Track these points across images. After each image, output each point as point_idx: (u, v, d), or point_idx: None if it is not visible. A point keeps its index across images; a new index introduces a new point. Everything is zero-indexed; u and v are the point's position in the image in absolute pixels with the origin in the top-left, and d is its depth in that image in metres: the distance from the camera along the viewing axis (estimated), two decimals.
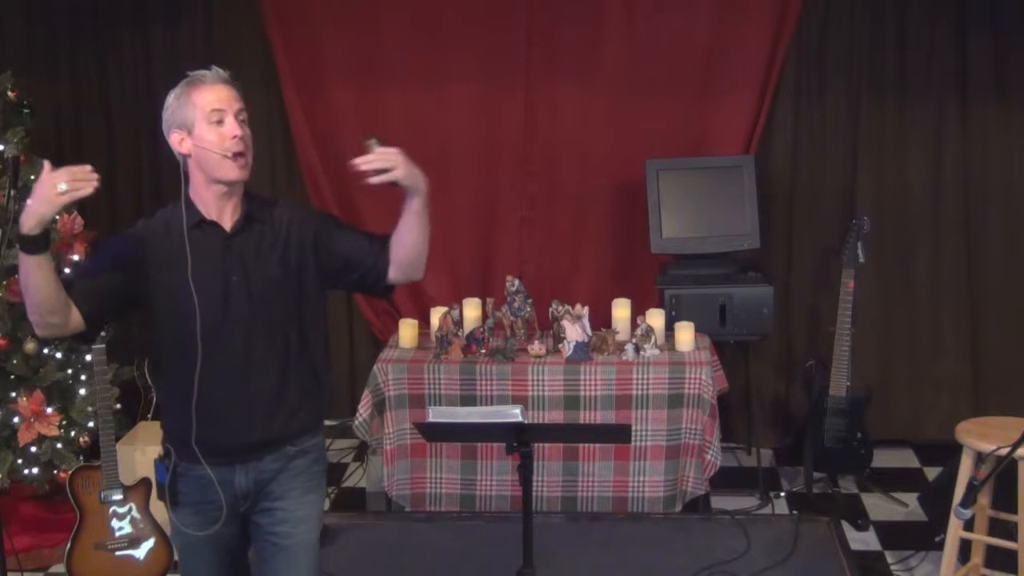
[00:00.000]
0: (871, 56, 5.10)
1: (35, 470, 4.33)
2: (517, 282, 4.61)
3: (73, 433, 4.39)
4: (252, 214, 2.69)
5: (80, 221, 4.56)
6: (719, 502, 4.68)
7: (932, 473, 4.89)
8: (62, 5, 5.39)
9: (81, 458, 4.32)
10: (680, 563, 4.08)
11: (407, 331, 4.64)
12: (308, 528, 2.79)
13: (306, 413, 2.76)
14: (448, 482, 4.52)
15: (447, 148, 5.32)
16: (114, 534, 4.03)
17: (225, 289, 2.63)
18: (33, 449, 4.31)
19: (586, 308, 4.56)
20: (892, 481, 4.92)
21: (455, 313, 4.59)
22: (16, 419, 4.30)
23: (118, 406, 4.32)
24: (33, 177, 4.48)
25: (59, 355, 4.43)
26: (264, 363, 2.67)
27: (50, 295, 2.50)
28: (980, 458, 3.53)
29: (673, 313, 4.69)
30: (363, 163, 2.55)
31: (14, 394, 4.31)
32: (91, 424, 4.38)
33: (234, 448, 2.68)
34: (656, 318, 4.55)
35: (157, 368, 2.79)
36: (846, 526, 4.48)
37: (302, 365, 2.73)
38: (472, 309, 4.68)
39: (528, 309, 4.62)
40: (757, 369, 5.19)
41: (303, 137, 5.34)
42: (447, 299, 4.95)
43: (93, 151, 5.49)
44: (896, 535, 4.46)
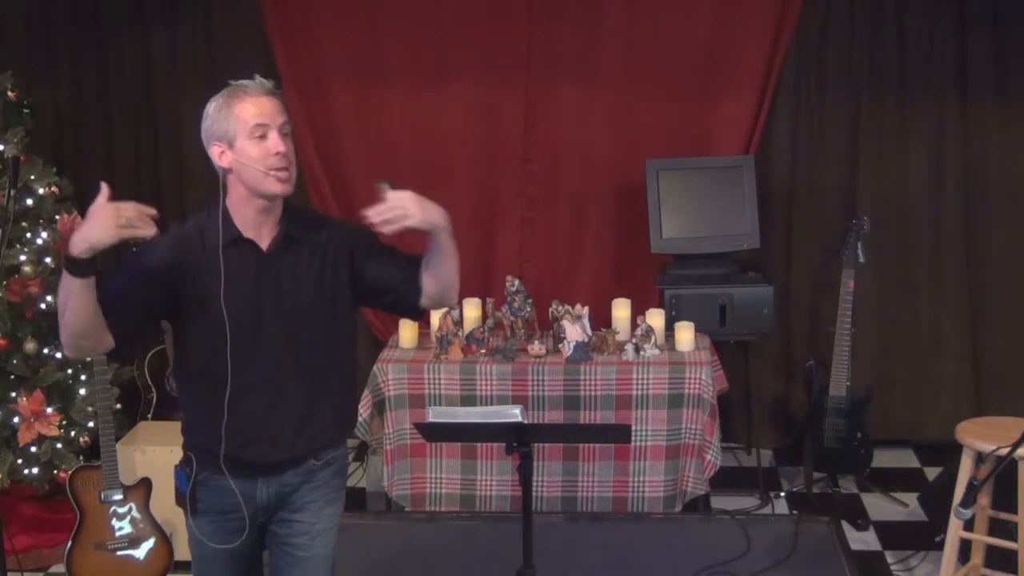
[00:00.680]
0: (871, 56, 5.11)
1: (35, 470, 4.33)
2: (517, 282, 4.61)
3: (73, 433, 4.39)
4: (290, 234, 2.61)
5: (80, 221, 4.56)
6: (719, 502, 4.68)
7: (932, 473, 4.89)
8: (62, 5, 5.39)
9: (81, 458, 4.32)
10: (680, 563, 4.08)
11: (407, 331, 4.64)
12: (325, 541, 2.77)
13: (331, 429, 2.74)
14: (448, 482, 4.52)
15: (447, 148, 5.32)
16: (114, 534, 4.03)
17: (257, 311, 2.57)
18: (33, 449, 4.31)
19: (586, 308, 4.56)
20: (892, 481, 4.92)
21: (455, 313, 4.59)
22: (16, 419, 4.30)
23: (118, 406, 4.32)
24: (33, 177, 4.50)
25: (59, 355, 4.43)
26: (294, 384, 2.63)
27: (87, 319, 2.40)
28: (980, 458, 3.53)
29: (673, 313, 4.69)
30: (376, 215, 2.48)
31: (14, 394, 4.31)
32: (91, 424, 4.37)
33: (260, 465, 2.65)
34: (656, 318, 4.55)
35: (184, 380, 2.73)
36: (846, 526, 4.48)
37: (332, 385, 2.70)
38: (472, 309, 4.68)
39: (528, 309, 4.62)
40: (757, 369, 5.19)
41: (303, 137, 5.34)
42: None
43: (93, 151, 5.50)
44: (896, 535, 4.47)
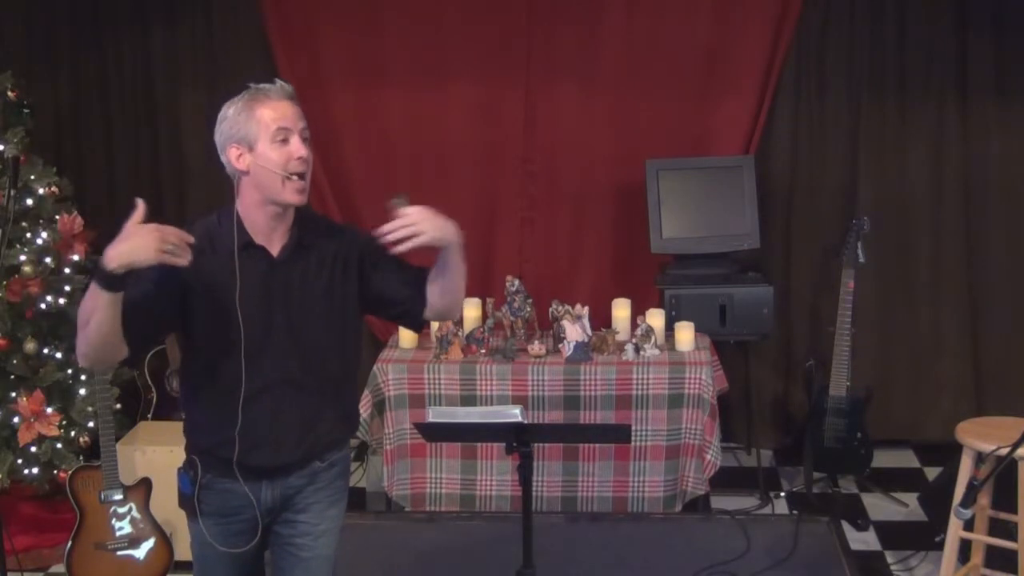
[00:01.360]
0: (871, 56, 5.10)
1: (35, 470, 4.33)
2: (517, 282, 4.61)
3: (73, 433, 4.39)
4: (302, 241, 2.61)
5: (80, 221, 4.57)
6: (719, 502, 4.68)
7: (932, 473, 4.89)
8: (62, 5, 5.39)
9: (81, 458, 4.32)
10: (680, 563, 4.08)
11: (407, 331, 4.64)
12: (327, 542, 2.78)
13: (338, 432, 2.76)
14: (448, 482, 4.52)
15: (447, 148, 5.32)
16: (114, 534, 4.03)
17: (267, 317, 2.57)
18: (33, 449, 4.31)
19: (586, 308, 4.56)
20: (892, 481, 4.92)
21: None
22: (16, 419, 4.30)
23: (118, 406, 4.32)
24: (33, 177, 4.50)
25: (59, 355, 4.43)
26: (301, 390, 2.63)
27: (110, 332, 2.39)
28: (980, 458, 3.53)
29: (673, 313, 4.69)
30: (390, 232, 2.48)
31: (14, 394, 4.31)
32: (91, 424, 4.38)
33: (267, 469, 2.65)
34: (656, 318, 4.56)
35: (191, 384, 2.70)
36: (846, 526, 4.48)
37: (339, 390, 2.72)
38: (472, 309, 4.68)
39: (528, 309, 4.62)
40: (757, 369, 5.19)
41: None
42: None
43: (93, 151, 5.50)
44: (896, 535, 4.47)
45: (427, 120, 5.29)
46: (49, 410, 4.32)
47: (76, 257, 4.50)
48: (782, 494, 4.88)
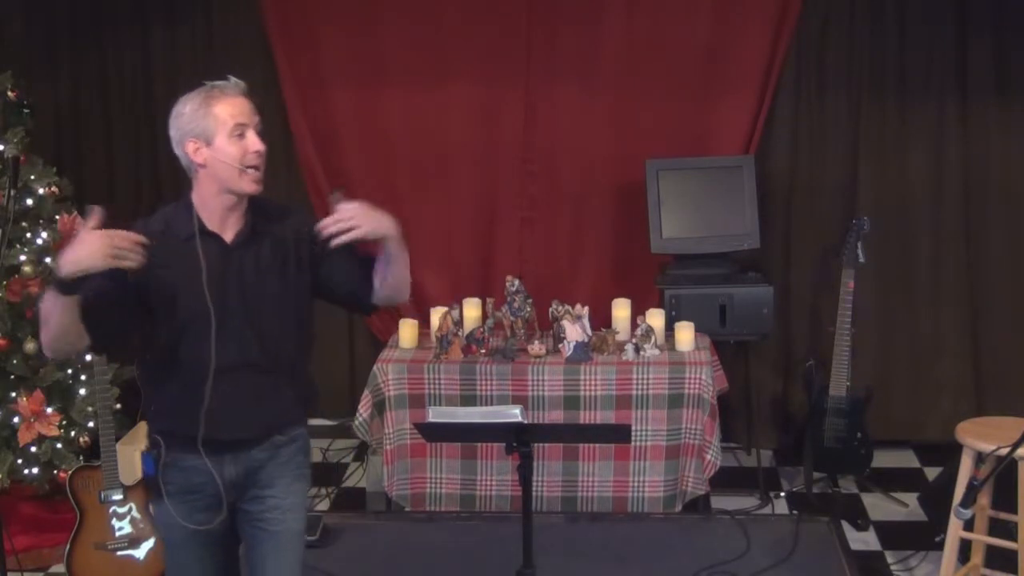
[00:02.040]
0: (871, 56, 5.10)
1: (35, 470, 4.33)
2: (517, 282, 4.61)
3: (73, 433, 4.39)
4: (255, 227, 2.71)
5: (80, 221, 4.56)
6: (719, 502, 4.68)
7: (932, 473, 4.89)
8: (62, 5, 5.39)
9: (81, 458, 4.32)
10: (680, 563, 4.08)
11: (407, 331, 4.64)
12: (297, 516, 2.85)
13: (295, 408, 2.84)
14: (448, 482, 4.52)
15: (447, 148, 5.32)
16: (114, 534, 4.03)
17: (222, 301, 2.65)
18: (33, 449, 4.31)
19: (586, 308, 4.56)
20: (892, 481, 4.92)
21: (455, 313, 4.60)
22: (16, 419, 4.30)
23: (118, 406, 4.32)
24: (33, 177, 4.50)
25: None
26: (259, 369, 2.71)
27: (69, 330, 2.52)
28: (980, 458, 3.53)
29: (673, 313, 4.69)
30: (324, 228, 2.60)
31: (14, 394, 4.31)
32: (91, 424, 4.38)
33: (228, 443, 2.73)
34: (656, 318, 4.56)
35: (152, 367, 2.79)
36: (846, 526, 4.48)
37: (295, 368, 2.80)
38: (472, 309, 4.68)
39: (528, 309, 4.62)
40: (757, 369, 5.19)
41: (303, 137, 5.34)
42: (447, 299, 4.95)
43: (93, 151, 5.50)
44: (896, 535, 4.46)
45: (427, 120, 5.29)
46: (49, 410, 4.32)
47: None
48: (782, 494, 4.88)
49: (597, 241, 5.36)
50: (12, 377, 4.34)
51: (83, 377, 4.46)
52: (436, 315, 4.54)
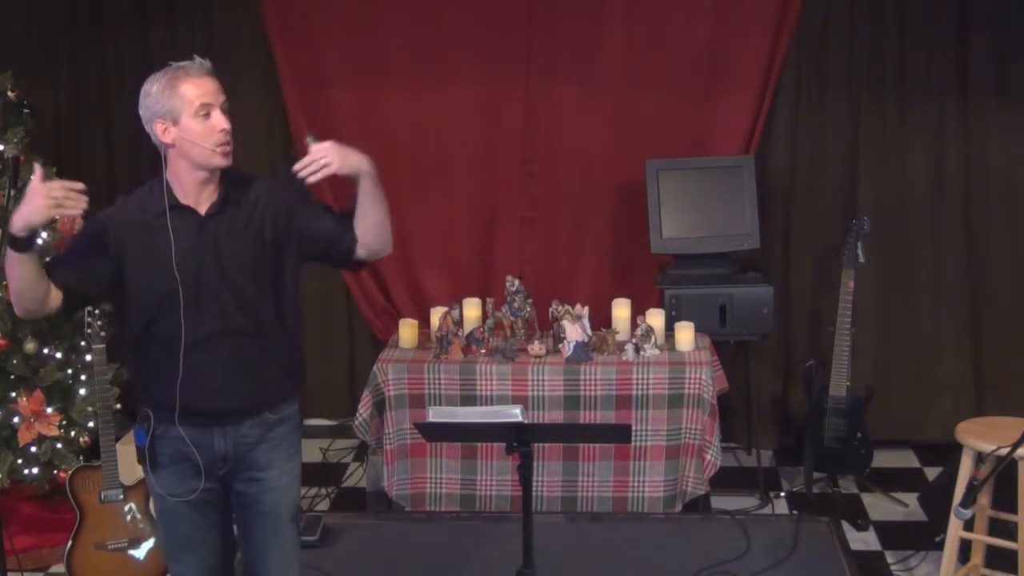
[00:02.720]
0: (871, 56, 5.10)
1: (35, 470, 4.34)
2: (517, 282, 4.61)
3: (73, 433, 4.39)
4: (228, 196, 2.77)
5: (80, 221, 4.56)
6: (719, 502, 4.68)
7: (932, 473, 4.89)
8: (62, 5, 5.39)
9: (81, 458, 4.32)
10: (680, 563, 4.08)
11: (407, 331, 4.64)
12: (292, 494, 2.94)
13: (283, 382, 2.88)
14: (448, 482, 4.52)
15: (447, 148, 5.32)
16: (114, 534, 4.02)
17: (198, 269, 2.72)
18: (33, 449, 4.31)
19: (586, 308, 4.56)
20: (892, 481, 4.92)
21: (455, 313, 4.60)
22: (16, 419, 4.30)
23: (118, 406, 4.32)
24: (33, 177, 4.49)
25: (59, 355, 4.43)
26: (243, 337, 2.77)
27: (30, 284, 2.65)
28: (980, 458, 3.53)
29: (673, 313, 4.69)
30: (299, 168, 2.67)
31: (14, 394, 4.31)
32: (91, 424, 4.38)
33: (211, 413, 2.78)
34: (656, 318, 4.56)
35: (135, 343, 2.84)
36: (846, 526, 4.48)
37: (277, 337, 2.83)
38: (472, 309, 4.68)
39: (528, 309, 4.62)
40: (757, 369, 5.19)
41: (303, 137, 5.33)
42: (447, 299, 4.95)
43: (93, 151, 5.50)
44: (896, 535, 4.46)
45: (427, 120, 5.29)
46: (49, 410, 4.32)
47: None
48: (782, 494, 4.88)
49: (597, 241, 5.36)
50: (12, 377, 4.34)
51: (83, 377, 4.46)
52: (436, 315, 4.54)
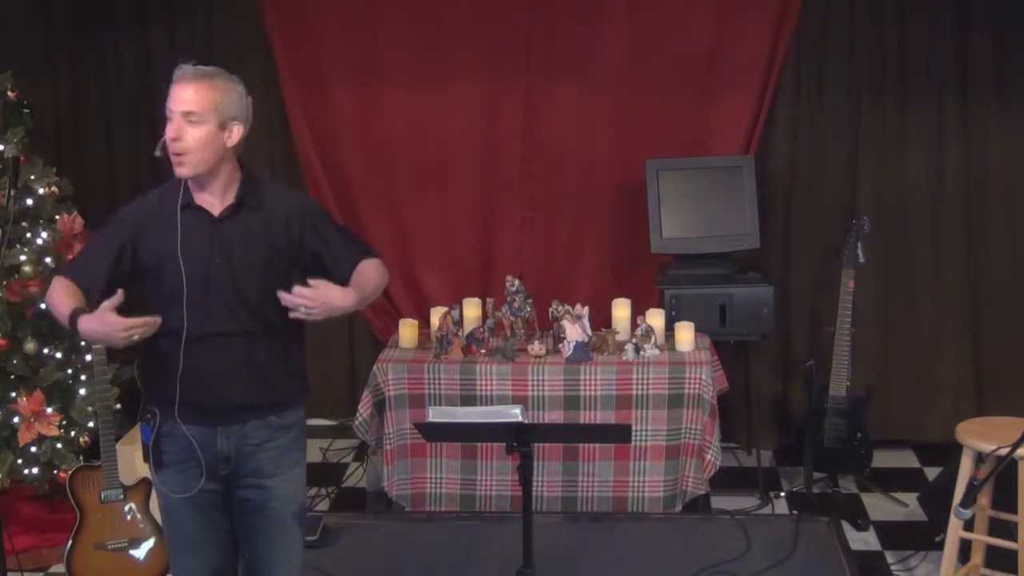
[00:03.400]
0: (871, 56, 5.10)
1: (35, 470, 4.33)
2: (517, 282, 4.61)
3: (73, 433, 4.39)
4: (243, 201, 2.81)
5: (80, 221, 4.57)
6: (719, 502, 4.68)
7: (932, 473, 4.89)
8: (62, 5, 5.39)
9: (81, 458, 4.32)
10: (680, 563, 4.08)
11: (407, 331, 4.64)
12: (297, 500, 2.96)
13: (288, 385, 2.92)
14: (448, 482, 4.52)
15: (447, 148, 5.32)
16: (114, 534, 4.02)
17: (207, 269, 2.77)
18: (33, 449, 4.31)
19: (586, 308, 4.56)
20: (892, 481, 4.91)
21: (455, 313, 4.59)
22: (16, 419, 4.30)
23: (118, 406, 4.32)
24: (33, 177, 4.50)
25: (59, 355, 4.43)
26: (245, 337, 2.81)
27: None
28: (980, 458, 3.53)
29: (673, 313, 4.69)
30: (287, 301, 2.71)
31: (14, 394, 4.31)
32: (91, 424, 4.38)
33: (213, 411, 2.82)
34: (656, 318, 4.56)
35: (148, 338, 2.86)
36: (846, 526, 4.48)
37: (283, 340, 2.87)
38: (472, 309, 4.68)
39: (528, 309, 4.62)
40: (757, 369, 5.18)
41: (303, 136, 5.34)
42: (447, 299, 4.95)
43: (93, 151, 5.50)
44: (896, 535, 4.46)
45: (427, 120, 5.29)
46: (49, 410, 4.32)
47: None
48: (782, 494, 4.88)
49: (597, 241, 5.36)
50: (12, 377, 4.34)
51: (83, 377, 4.46)
52: (436, 315, 4.54)
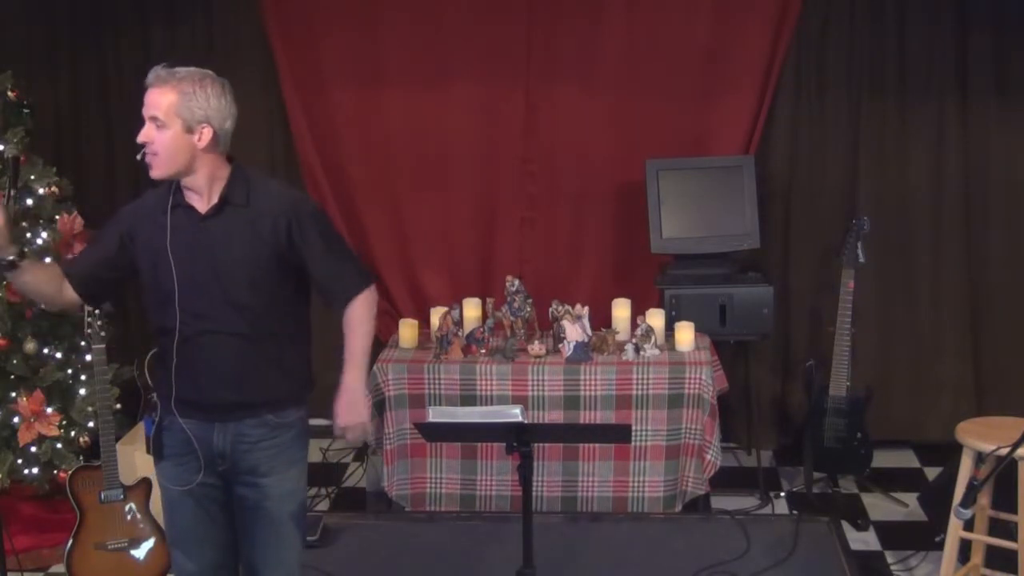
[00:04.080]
0: (871, 56, 5.10)
1: (35, 470, 4.34)
2: (517, 282, 4.61)
3: (73, 433, 4.39)
4: (229, 199, 2.83)
5: (80, 221, 4.57)
6: (719, 502, 4.68)
7: (932, 473, 4.89)
8: (62, 5, 5.39)
9: (81, 458, 4.32)
10: (680, 563, 4.08)
11: (407, 331, 4.64)
12: (294, 500, 2.97)
13: (283, 385, 2.91)
14: (448, 482, 4.52)
15: (447, 148, 5.32)
16: (114, 534, 4.02)
17: (193, 267, 2.81)
18: (33, 449, 4.32)
19: (586, 308, 4.56)
20: (892, 481, 4.92)
21: (455, 313, 4.59)
22: (16, 419, 4.30)
23: (118, 406, 4.33)
24: (33, 177, 4.50)
25: (59, 355, 4.43)
26: (235, 335, 2.82)
27: (35, 292, 2.94)
28: (980, 458, 3.53)
29: (673, 313, 4.69)
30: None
31: (14, 394, 4.31)
32: (91, 424, 4.38)
33: (209, 408, 2.85)
34: (656, 318, 4.56)
35: (153, 335, 2.95)
36: (846, 526, 4.48)
37: (275, 342, 2.88)
38: (472, 309, 4.68)
39: (528, 309, 4.62)
40: (757, 369, 5.19)
41: (303, 136, 5.34)
42: (447, 299, 4.95)
43: (93, 151, 5.50)
44: (896, 535, 4.46)
45: (427, 120, 5.29)
46: (49, 410, 4.32)
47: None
48: (782, 494, 4.88)
49: (597, 241, 5.36)
50: (12, 377, 4.34)
51: (83, 377, 4.46)
52: (436, 315, 4.54)
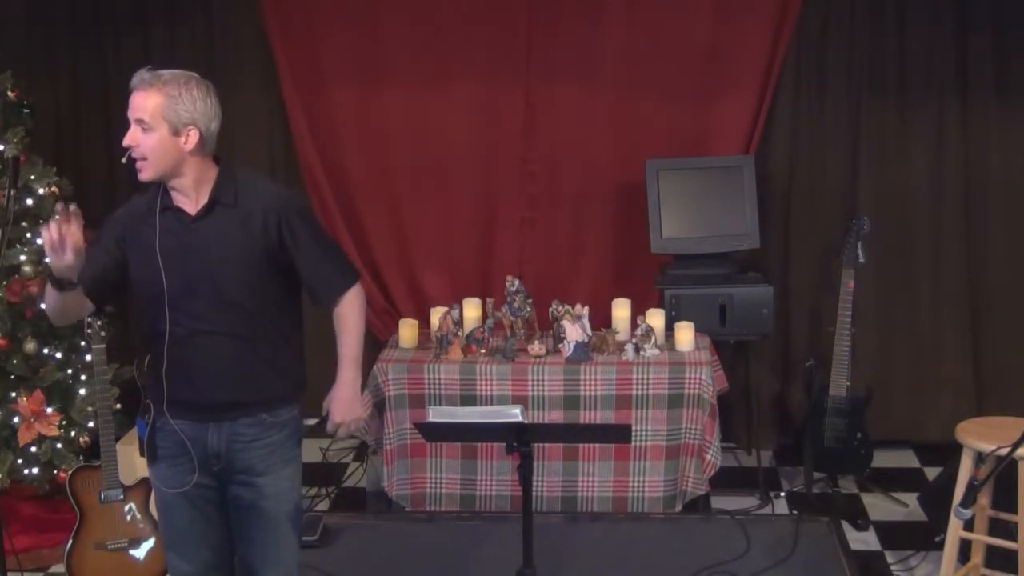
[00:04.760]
0: (871, 56, 5.10)
1: (35, 470, 4.34)
2: (517, 282, 4.61)
3: (73, 433, 4.39)
4: (218, 200, 2.83)
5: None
6: (719, 502, 4.68)
7: (932, 473, 4.89)
8: (62, 5, 5.39)
9: (81, 458, 4.32)
10: (680, 563, 4.08)
11: (407, 331, 4.64)
12: (290, 498, 2.97)
13: (277, 384, 2.91)
14: (448, 482, 4.52)
15: (447, 148, 5.32)
16: (114, 534, 4.02)
17: (184, 269, 2.81)
18: (33, 449, 4.32)
19: (586, 308, 4.56)
20: (892, 481, 4.92)
21: (455, 313, 4.59)
22: (16, 419, 4.30)
23: (118, 406, 4.32)
24: (33, 177, 4.50)
25: (59, 355, 4.43)
26: (228, 335, 2.82)
27: (65, 309, 2.88)
28: (980, 458, 3.53)
29: (673, 313, 4.69)
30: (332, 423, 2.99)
31: (14, 394, 4.31)
32: (91, 424, 4.38)
33: (203, 408, 2.85)
34: (656, 318, 4.56)
35: (143, 336, 2.97)
36: (846, 526, 4.48)
37: (269, 341, 2.88)
38: (472, 309, 4.68)
39: (528, 309, 4.62)
40: (757, 369, 5.19)
41: (303, 136, 5.34)
42: (447, 299, 4.95)
43: (93, 151, 5.50)
44: (896, 535, 4.47)
45: (427, 120, 5.29)
46: (49, 410, 4.32)
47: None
48: (782, 494, 4.88)
49: (597, 241, 5.36)
50: (12, 377, 4.34)
51: (83, 377, 4.46)
52: (436, 315, 4.54)
